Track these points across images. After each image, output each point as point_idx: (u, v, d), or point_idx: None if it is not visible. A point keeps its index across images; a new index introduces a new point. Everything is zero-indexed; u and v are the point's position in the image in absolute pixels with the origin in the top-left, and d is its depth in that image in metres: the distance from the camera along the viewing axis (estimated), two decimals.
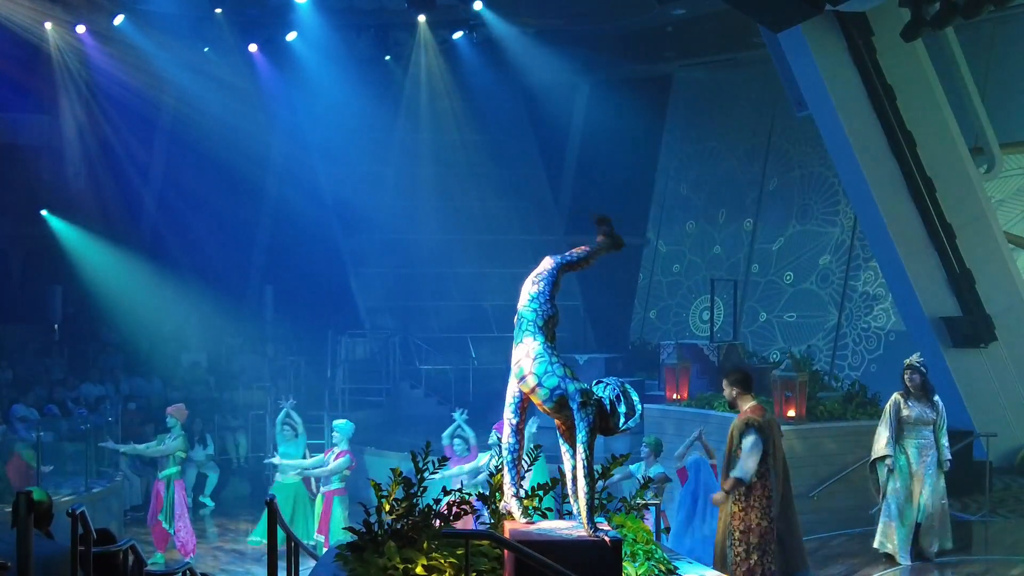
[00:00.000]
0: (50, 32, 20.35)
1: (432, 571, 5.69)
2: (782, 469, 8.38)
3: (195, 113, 21.11)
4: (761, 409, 8.50)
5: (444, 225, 23.37)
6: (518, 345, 5.74)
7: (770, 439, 8.29)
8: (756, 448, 8.18)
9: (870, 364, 18.36)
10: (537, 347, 5.65)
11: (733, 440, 8.33)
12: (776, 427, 8.53)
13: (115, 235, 21.57)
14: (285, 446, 13.40)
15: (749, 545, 8.19)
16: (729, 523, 8.29)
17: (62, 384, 18.59)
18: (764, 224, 21.13)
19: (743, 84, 21.89)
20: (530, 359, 5.64)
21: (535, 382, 5.57)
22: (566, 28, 21.50)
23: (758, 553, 8.18)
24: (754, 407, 8.44)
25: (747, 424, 8.28)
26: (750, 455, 8.21)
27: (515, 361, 5.73)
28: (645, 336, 22.25)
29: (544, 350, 5.63)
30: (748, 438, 8.21)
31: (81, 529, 5.21)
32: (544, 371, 5.56)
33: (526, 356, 5.66)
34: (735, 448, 8.30)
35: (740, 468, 8.22)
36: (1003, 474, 13.56)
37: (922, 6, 12.55)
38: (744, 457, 8.22)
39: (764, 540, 8.18)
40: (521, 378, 5.65)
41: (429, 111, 23.52)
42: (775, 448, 8.34)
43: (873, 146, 13.83)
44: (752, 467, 8.21)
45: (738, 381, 8.48)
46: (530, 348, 5.66)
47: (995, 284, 14.24)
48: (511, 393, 5.82)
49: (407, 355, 21.51)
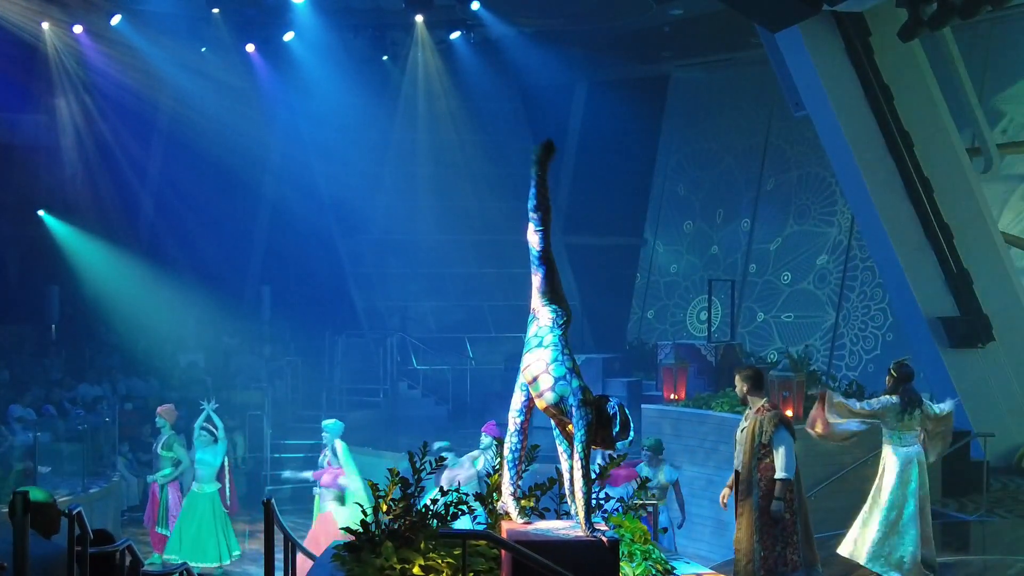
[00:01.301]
0: (47, 32, 20.32)
1: (429, 571, 5.68)
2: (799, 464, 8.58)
3: (192, 113, 21.09)
4: (774, 406, 8.70)
5: (441, 225, 23.36)
6: (531, 351, 5.70)
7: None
8: (790, 444, 8.33)
9: (867, 364, 18.37)
10: (552, 338, 5.63)
11: (756, 435, 8.38)
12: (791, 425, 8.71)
13: (112, 235, 21.54)
14: (203, 451, 12.97)
15: (775, 537, 8.31)
16: (757, 517, 8.35)
17: (59, 384, 18.55)
18: (762, 224, 21.14)
19: (740, 84, 21.90)
20: (544, 362, 5.59)
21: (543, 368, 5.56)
22: (563, 28, 21.50)
23: (781, 544, 8.32)
24: (768, 405, 8.52)
25: (780, 420, 8.39)
26: (789, 452, 8.34)
27: (525, 367, 5.67)
28: (643, 336, 22.25)
29: (558, 341, 5.62)
30: (781, 434, 8.31)
31: (78, 529, 5.20)
32: (554, 358, 5.55)
33: (546, 373, 5.60)
34: (759, 443, 8.34)
35: (786, 467, 8.33)
36: (1000, 474, 13.59)
37: (919, 6, 12.55)
38: (784, 455, 8.33)
39: (787, 532, 8.31)
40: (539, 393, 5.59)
41: (427, 111, 23.52)
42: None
43: (870, 146, 13.85)
44: (794, 463, 8.35)
45: (751, 378, 8.55)
46: (547, 356, 5.61)
47: (993, 284, 14.26)
48: (519, 395, 5.78)
49: (404, 355, 21.50)
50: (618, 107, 23.08)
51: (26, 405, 16.65)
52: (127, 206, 22.58)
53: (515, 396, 5.82)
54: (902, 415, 9.06)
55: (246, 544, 14.43)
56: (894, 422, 9.10)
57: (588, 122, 24.03)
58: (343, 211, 23.26)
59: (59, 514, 5.15)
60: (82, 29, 20.22)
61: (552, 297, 5.74)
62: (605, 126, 23.19)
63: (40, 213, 21.75)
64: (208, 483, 12.94)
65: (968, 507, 12.18)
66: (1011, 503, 12.49)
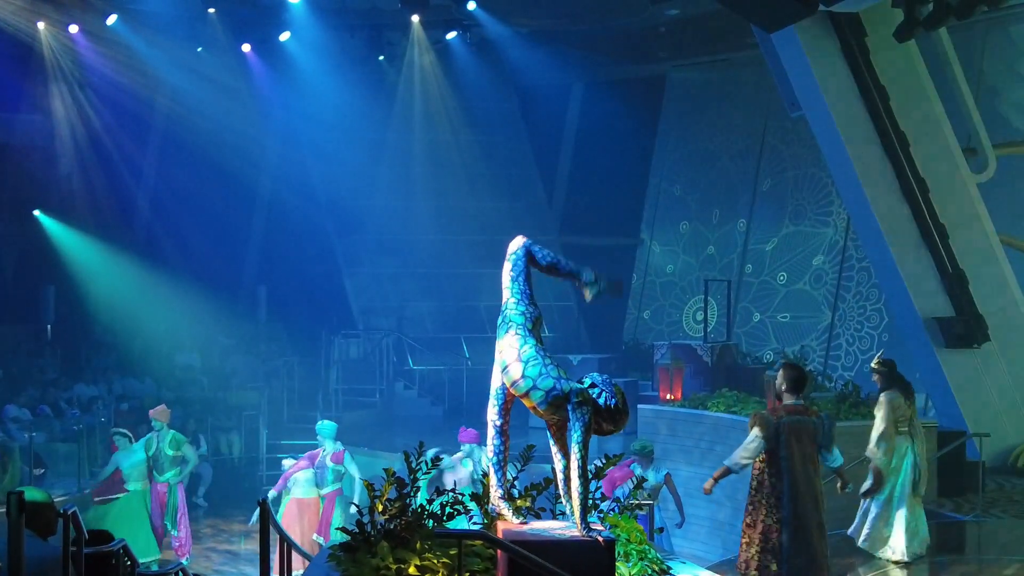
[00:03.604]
0: (43, 32, 20.30)
1: (425, 571, 5.68)
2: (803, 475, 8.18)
3: (188, 113, 21.07)
4: (793, 409, 8.32)
5: (438, 225, 23.36)
6: (501, 338, 5.72)
7: (782, 442, 8.22)
8: (753, 443, 8.21)
9: (863, 364, 18.37)
10: (528, 351, 5.60)
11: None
12: (806, 432, 8.25)
13: (108, 235, 21.52)
14: (118, 454, 12.97)
15: (751, 538, 8.24)
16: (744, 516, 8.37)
17: (55, 384, 18.54)
18: (758, 224, 21.16)
19: (737, 84, 21.92)
20: (514, 350, 5.60)
21: (529, 385, 5.53)
22: (560, 29, 21.51)
23: (757, 548, 8.20)
24: (789, 407, 8.36)
25: (755, 418, 8.33)
26: (744, 448, 8.27)
27: (498, 351, 5.71)
28: (639, 336, 22.26)
29: (536, 352, 5.59)
30: (751, 431, 8.27)
31: (73, 530, 5.19)
32: (539, 373, 5.52)
33: (509, 347, 5.63)
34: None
35: (731, 457, 8.36)
36: (996, 474, 13.59)
37: (915, 6, 12.56)
38: (740, 447, 8.31)
39: (766, 537, 8.18)
40: (504, 368, 5.63)
41: (423, 111, 23.52)
42: (792, 452, 8.23)
43: (866, 146, 13.86)
44: (739, 458, 8.28)
45: (789, 378, 8.44)
46: (514, 343, 5.63)
47: (988, 284, 14.28)
48: (495, 388, 5.79)
49: (401, 355, 21.50)
50: (614, 107, 23.09)
51: (22, 405, 16.63)
52: (123, 206, 22.56)
53: (490, 403, 5.82)
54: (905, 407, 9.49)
55: (242, 544, 14.43)
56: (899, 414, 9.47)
57: (584, 122, 24.04)
58: (339, 211, 23.26)
59: (56, 515, 5.14)
60: (78, 29, 20.20)
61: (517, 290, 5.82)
62: (601, 126, 23.20)
63: (36, 213, 21.73)
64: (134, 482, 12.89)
65: (964, 507, 12.18)
66: (1006, 503, 12.50)
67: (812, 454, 8.28)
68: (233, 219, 23.22)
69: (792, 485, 8.18)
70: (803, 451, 8.23)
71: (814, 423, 8.29)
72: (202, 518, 16.56)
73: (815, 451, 8.28)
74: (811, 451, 8.27)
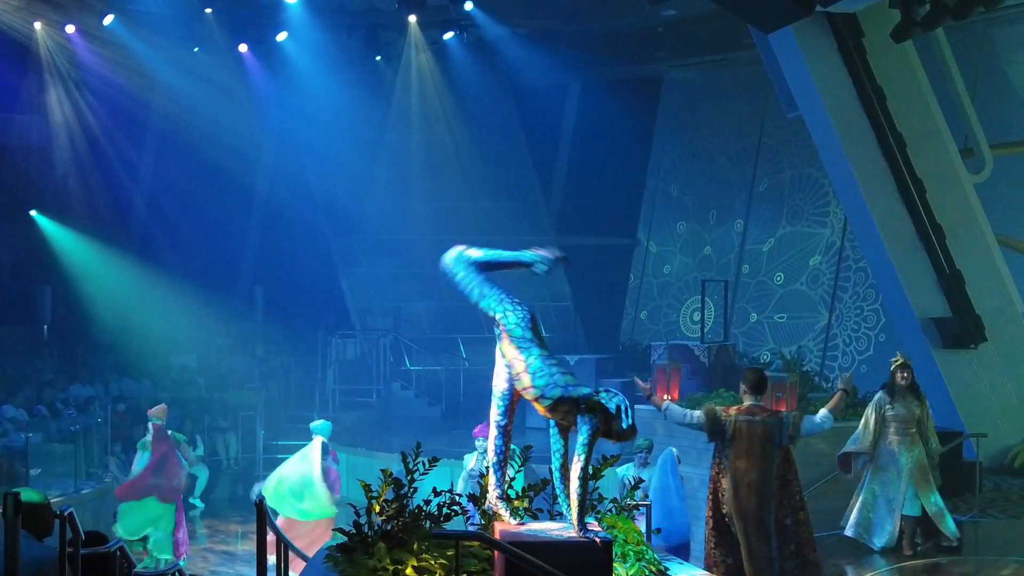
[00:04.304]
0: (39, 32, 20.27)
1: (422, 572, 5.67)
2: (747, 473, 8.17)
3: (185, 113, 21.04)
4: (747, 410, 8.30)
5: (435, 225, 23.32)
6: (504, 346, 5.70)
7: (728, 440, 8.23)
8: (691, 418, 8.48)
9: (860, 365, 18.38)
10: (534, 362, 5.59)
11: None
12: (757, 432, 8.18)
13: (105, 235, 21.48)
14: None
15: (708, 534, 8.48)
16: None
17: (51, 385, 18.50)
18: (755, 225, 21.16)
19: (734, 85, 21.93)
20: (521, 362, 5.59)
21: (537, 394, 5.53)
22: (557, 29, 21.51)
23: (712, 544, 8.40)
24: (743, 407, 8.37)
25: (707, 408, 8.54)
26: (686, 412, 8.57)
27: (500, 357, 5.70)
28: (636, 337, 22.25)
29: (543, 364, 5.58)
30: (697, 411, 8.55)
31: (70, 531, 5.18)
32: (547, 383, 5.52)
33: (515, 360, 5.61)
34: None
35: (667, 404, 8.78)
36: (993, 474, 13.59)
37: (913, 7, 12.56)
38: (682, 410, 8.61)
39: (717, 531, 8.36)
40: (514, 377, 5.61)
41: (420, 111, 23.51)
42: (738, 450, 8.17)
43: (863, 147, 13.85)
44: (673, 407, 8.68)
45: (749, 380, 8.48)
46: (519, 355, 5.60)
47: (985, 285, 14.27)
48: (499, 390, 5.78)
49: (398, 356, 21.48)
50: (611, 107, 23.08)
51: (18, 406, 16.60)
52: (119, 206, 22.52)
53: (494, 404, 5.81)
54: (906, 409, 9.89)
55: (238, 545, 14.42)
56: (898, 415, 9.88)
57: (581, 122, 24.04)
58: (336, 211, 23.24)
59: (53, 516, 5.13)
60: (74, 29, 20.16)
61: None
62: (598, 126, 23.19)
63: (32, 213, 21.69)
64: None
65: (961, 507, 12.16)
66: (1004, 503, 12.49)
67: (767, 453, 8.20)
68: (230, 219, 23.19)
69: (734, 481, 8.20)
70: (752, 450, 8.19)
71: (770, 423, 8.23)
72: (198, 519, 16.56)
73: (772, 450, 8.21)
74: (766, 450, 8.20)
